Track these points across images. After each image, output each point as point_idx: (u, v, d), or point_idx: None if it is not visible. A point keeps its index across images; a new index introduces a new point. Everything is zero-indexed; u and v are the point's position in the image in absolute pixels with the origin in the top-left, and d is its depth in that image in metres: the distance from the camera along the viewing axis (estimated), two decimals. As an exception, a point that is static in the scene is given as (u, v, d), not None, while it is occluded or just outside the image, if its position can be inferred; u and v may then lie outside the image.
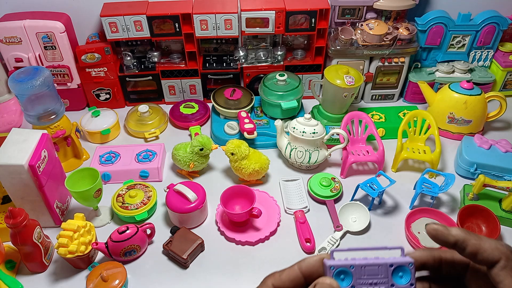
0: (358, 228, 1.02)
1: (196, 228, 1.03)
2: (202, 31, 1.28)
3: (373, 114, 1.33)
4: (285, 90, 1.26)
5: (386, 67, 1.37)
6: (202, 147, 1.10)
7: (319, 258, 0.36)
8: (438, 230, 0.36)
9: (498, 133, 1.33)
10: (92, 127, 1.27)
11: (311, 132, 1.10)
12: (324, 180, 1.09)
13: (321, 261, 0.36)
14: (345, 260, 0.35)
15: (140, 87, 1.43)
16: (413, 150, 1.17)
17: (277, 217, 1.03)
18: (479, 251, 0.34)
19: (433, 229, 0.36)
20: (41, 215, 0.99)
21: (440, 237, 0.36)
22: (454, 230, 0.36)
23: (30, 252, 0.89)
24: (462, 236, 0.35)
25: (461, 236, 0.35)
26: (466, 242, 0.35)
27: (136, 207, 1.02)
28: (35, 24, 1.21)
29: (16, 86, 1.03)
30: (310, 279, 0.35)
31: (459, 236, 0.35)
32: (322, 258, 0.36)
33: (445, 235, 0.35)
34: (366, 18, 1.35)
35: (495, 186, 1.01)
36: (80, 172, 1.00)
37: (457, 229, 0.36)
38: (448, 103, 1.25)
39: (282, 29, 1.29)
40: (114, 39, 1.29)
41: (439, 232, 0.36)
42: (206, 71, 1.38)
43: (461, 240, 0.35)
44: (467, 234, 0.35)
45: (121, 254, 0.92)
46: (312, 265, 0.36)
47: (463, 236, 0.35)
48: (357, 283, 0.35)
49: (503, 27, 1.34)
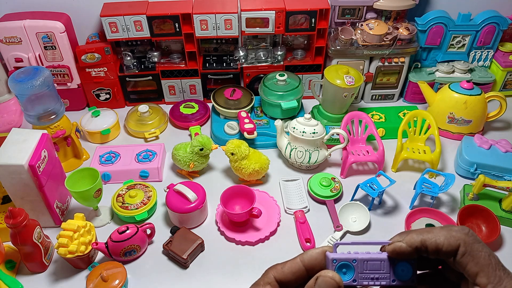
0: (358, 228, 1.02)
1: (196, 228, 1.03)
2: (202, 31, 1.28)
3: (373, 114, 1.33)
4: (285, 90, 1.26)
5: (386, 67, 1.37)
6: (202, 147, 1.10)
7: (321, 250, 0.36)
8: (396, 247, 0.35)
9: (498, 133, 1.33)
10: (92, 127, 1.27)
11: (311, 132, 1.10)
12: (324, 180, 1.09)
13: (324, 254, 0.36)
14: (348, 254, 0.35)
15: (140, 87, 1.43)
16: (413, 150, 1.17)
17: (277, 217, 1.03)
18: (438, 247, 0.33)
19: (391, 250, 0.35)
20: (41, 215, 0.99)
21: (401, 253, 0.35)
22: (407, 238, 0.34)
23: (30, 252, 0.89)
24: (417, 241, 0.34)
25: (416, 242, 0.34)
26: (424, 244, 0.34)
27: (136, 207, 1.02)
28: (35, 24, 1.21)
29: (16, 86, 1.03)
30: (312, 272, 0.35)
31: (414, 243, 0.34)
32: (325, 251, 0.36)
33: (404, 250, 0.34)
34: (366, 18, 1.35)
35: (495, 186, 1.01)
36: (80, 172, 0.99)
37: (410, 236, 0.34)
38: (448, 103, 1.25)
39: (282, 29, 1.29)
40: (114, 39, 1.29)
41: (397, 250, 0.35)
42: (206, 71, 1.38)
43: (418, 245, 0.34)
44: (419, 234, 0.34)
45: (121, 254, 0.92)
46: (314, 258, 0.36)
47: (418, 240, 0.34)
48: (359, 277, 0.35)
49: (503, 27, 1.34)
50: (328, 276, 0.33)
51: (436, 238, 0.33)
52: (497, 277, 0.32)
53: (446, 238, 0.33)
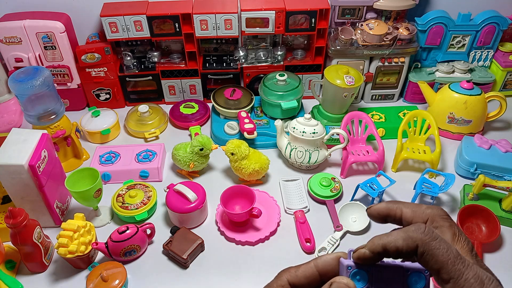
0: (358, 228, 1.02)
1: (196, 228, 1.03)
2: (202, 31, 1.28)
3: (373, 114, 1.33)
4: (285, 90, 1.26)
5: (386, 67, 1.37)
6: (202, 147, 1.10)
7: (335, 256, 0.36)
8: (359, 254, 0.34)
9: (498, 133, 1.33)
10: (92, 127, 1.27)
11: (311, 132, 1.10)
12: (324, 180, 1.09)
13: (338, 260, 0.36)
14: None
15: (140, 87, 1.43)
16: (413, 150, 1.17)
17: (277, 217, 1.03)
18: (398, 249, 0.33)
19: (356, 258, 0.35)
20: (41, 215, 0.99)
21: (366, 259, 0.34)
22: (369, 244, 0.34)
23: (30, 252, 0.89)
24: (377, 246, 0.34)
25: (376, 247, 0.34)
26: (385, 248, 0.34)
27: (136, 207, 1.02)
28: (35, 24, 1.21)
29: (16, 86, 1.03)
30: (326, 277, 0.35)
31: (375, 248, 0.34)
32: (339, 257, 0.36)
33: (367, 256, 0.34)
34: (366, 18, 1.35)
35: (495, 186, 1.01)
36: (80, 172, 1.00)
37: (371, 242, 0.35)
38: (448, 103, 1.25)
39: (282, 29, 1.29)
40: (114, 39, 1.29)
41: (361, 256, 0.34)
42: (206, 71, 1.38)
43: (380, 249, 0.34)
44: (379, 239, 0.34)
45: (121, 254, 0.92)
46: (328, 263, 0.36)
47: (378, 245, 0.34)
48: (373, 285, 0.35)
49: (503, 27, 1.34)
50: (342, 282, 0.33)
51: (395, 241, 0.33)
52: (457, 271, 0.32)
53: (404, 240, 0.33)
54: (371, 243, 0.34)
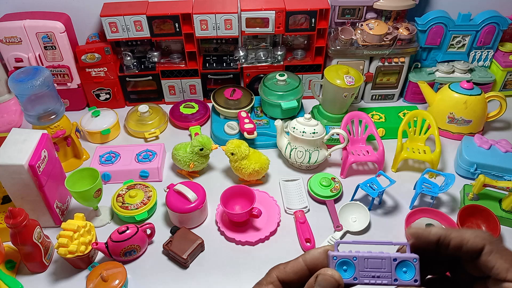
0: (358, 228, 1.02)
1: (196, 228, 1.03)
2: (202, 31, 1.28)
3: (373, 114, 1.33)
4: (285, 90, 1.26)
5: (386, 67, 1.37)
6: (202, 147, 1.10)
7: (323, 250, 0.36)
8: (419, 231, 0.36)
9: (498, 133, 1.33)
10: (92, 127, 1.27)
11: (311, 132, 1.10)
12: (324, 180, 1.09)
13: (326, 253, 0.36)
14: (348, 252, 0.36)
15: (140, 87, 1.43)
16: (413, 150, 1.17)
17: (277, 217, 1.03)
18: (462, 242, 0.34)
19: (413, 233, 0.36)
20: (41, 215, 0.99)
21: (422, 238, 0.35)
22: (434, 229, 0.35)
23: (30, 252, 0.89)
24: (443, 232, 0.35)
25: (442, 232, 0.35)
26: (448, 237, 0.34)
27: (136, 207, 1.02)
28: (35, 24, 1.21)
29: (16, 86, 1.03)
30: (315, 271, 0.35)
31: (440, 232, 0.35)
32: (327, 250, 0.36)
33: (426, 235, 0.35)
34: (366, 18, 1.35)
35: (495, 186, 1.01)
36: (80, 172, 1.00)
37: (436, 228, 0.36)
38: (448, 103, 1.25)
39: (282, 29, 1.29)
40: (114, 39, 1.29)
41: (419, 234, 0.35)
42: (206, 71, 1.38)
43: (443, 235, 0.34)
44: (447, 229, 0.35)
45: (121, 254, 0.92)
46: (316, 257, 0.36)
47: (444, 232, 0.35)
48: (360, 275, 0.35)
49: (503, 27, 1.34)
50: (327, 274, 0.33)
51: (462, 233, 0.34)
52: None
53: (472, 236, 0.34)
54: (435, 229, 0.35)
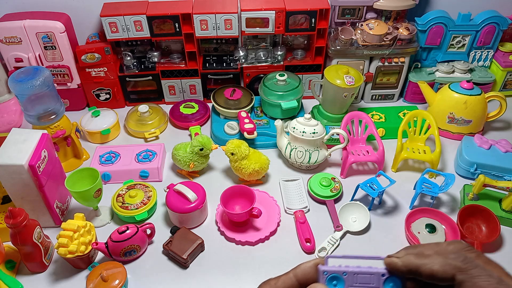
0: (358, 228, 1.02)
1: (196, 228, 1.03)
2: (202, 31, 1.28)
3: (373, 114, 1.33)
4: (285, 90, 1.26)
5: (386, 67, 1.37)
6: (202, 147, 1.10)
7: (313, 264, 0.36)
8: (391, 262, 0.36)
9: (498, 133, 1.33)
10: (92, 127, 1.27)
11: (311, 132, 1.10)
12: (324, 180, 1.09)
13: (316, 267, 0.36)
14: (338, 267, 0.36)
15: (140, 87, 1.43)
16: (413, 150, 1.17)
17: (277, 217, 1.03)
18: (432, 274, 0.33)
19: (387, 263, 0.36)
20: (41, 215, 0.99)
21: (394, 268, 0.36)
22: (405, 258, 0.35)
23: (30, 252, 0.89)
24: (412, 264, 0.34)
25: (412, 264, 0.34)
26: (419, 269, 0.34)
27: (136, 207, 1.02)
28: (35, 24, 1.21)
29: (16, 86, 1.03)
30: (306, 286, 0.36)
31: (409, 264, 0.35)
32: (317, 264, 0.36)
33: (398, 267, 0.35)
34: (366, 18, 1.35)
35: (495, 186, 1.01)
36: (80, 172, 1.00)
37: (408, 257, 0.35)
38: (448, 103, 1.25)
39: (282, 29, 1.29)
40: (114, 39, 1.29)
41: (392, 265, 0.36)
42: (206, 71, 1.38)
43: (413, 268, 0.34)
44: (417, 259, 0.34)
45: (121, 254, 0.92)
46: (307, 272, 0.36)
47: (414, 263, 0.34)
48: None
49: (503, 27, 1.34)
50: None
51: (431, 265, 0.33)
52: None
53: (441, 266, 0.33)
54: (407, 258, 0.35)
